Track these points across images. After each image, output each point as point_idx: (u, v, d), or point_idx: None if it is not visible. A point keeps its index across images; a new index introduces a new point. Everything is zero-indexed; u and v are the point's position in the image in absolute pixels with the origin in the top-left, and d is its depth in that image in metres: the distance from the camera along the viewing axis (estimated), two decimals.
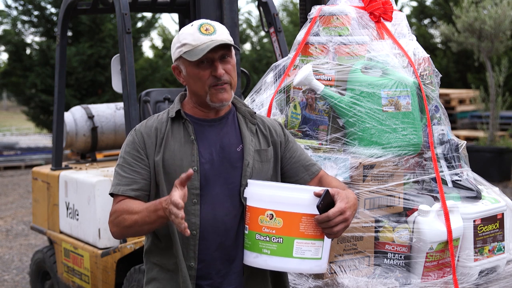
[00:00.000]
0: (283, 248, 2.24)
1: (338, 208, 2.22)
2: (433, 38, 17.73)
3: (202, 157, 2.37)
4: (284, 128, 2.60)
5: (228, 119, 2.46)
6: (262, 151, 2.46)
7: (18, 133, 20.46)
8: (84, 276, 4.48)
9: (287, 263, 2.26)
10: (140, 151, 2.39)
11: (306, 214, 2.24)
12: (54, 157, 4.98)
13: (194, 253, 2.35)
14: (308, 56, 3.10)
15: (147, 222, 2.24)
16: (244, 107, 2.51)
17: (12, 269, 6.81)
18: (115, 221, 2.33)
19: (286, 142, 2.55)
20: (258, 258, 2.28)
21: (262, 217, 2.26)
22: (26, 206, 9.99)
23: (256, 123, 2.50)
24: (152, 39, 20.54)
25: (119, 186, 2.37)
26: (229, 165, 2.40)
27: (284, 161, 2.53)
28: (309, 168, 2.54)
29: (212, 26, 2.36)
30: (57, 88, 4.86)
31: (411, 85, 2.98)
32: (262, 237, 2.26)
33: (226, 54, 2.37)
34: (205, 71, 2.34)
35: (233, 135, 2.44)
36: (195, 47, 2.32)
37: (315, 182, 2.52)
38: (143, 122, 2.47)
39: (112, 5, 4.14)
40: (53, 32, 14.87)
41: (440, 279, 2.86)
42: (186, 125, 2.41)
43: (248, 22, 19.34)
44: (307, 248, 2.25)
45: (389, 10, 3.15)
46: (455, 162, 3.04)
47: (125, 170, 2.38)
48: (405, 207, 2.92)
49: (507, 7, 10.83)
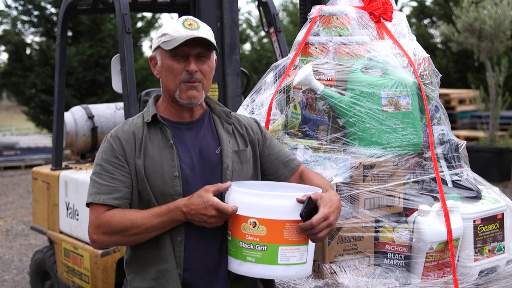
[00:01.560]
0: (268, 255, 2.20)
1: (322, 214, 2.19)
2: (433, 38, 17.74)
3: (182, 162, 2.33)
4: (260, 125, 2.57)
5: (204, 121, 2.43)
6: (241, 151, 2.43)
7: (18, 133, 20.46)
8: (84, 276, 4.48)
9: (272, 271, 2.22)
10: (120, 157, 2.31)
11: (289, 221, 2.21)
12: (54, 157, 4.98)
13: (180, 260, 2.31)
14: (308, 56, 3.10)
15: (159, 227, 2.25)
16: (218, 107, 2.48)
17: (12, 269, 6.81)
18: (110, 231, 2.26)
19: (263, 139, 2.52)
20: (243, 265, 2.25)
21: (245, 225, 2.22)
22: (26, 206, 9.99)
23: (232, 122, 2.47)
24: (152, 39, 20.55)
25: (99, 195, 2.28)
26: (209, 168, 2.36)
27: (263, 159, 2.51)
28: (288, 164, 2.52)
29: (196, 23, 2.33)
30: (57, 88, 4.86)
31: (411, 85, 2.98)
32: (246, 245, 2.23)
33: (204, 53, 2.33)
34: (179, 64, 2.31)
35: (210, 137, 2.41)
36: (174, 38, 2.29)
37: (295, 178, 2.50)
38: (119, 127, 2.39)
39: (112, 5, 4.14)
40: (53, 32, 14.88)
41: (440, 279, 2.86)
42: (163, 129, 2.36)
43: (248, 22, 19.36)
44: (292, 254, 2.22)
45: (389, 10, 3.14)
46: (455, 162, 3.04)
47: (104, 178, 2.30)
48: (405, 207, 2.92)
49: (507, 7, 10.83)
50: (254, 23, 19.11)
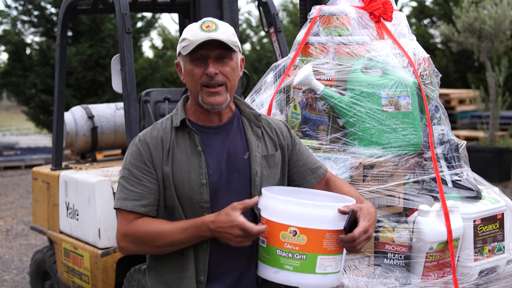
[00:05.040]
0: (306, 264, 2.20)
1: (362, 227, 2.19)
2: (433, 38, 17.74)
3: (210, 169, 2.28)
4: (290, 129, 2.53)
5: (233, 124, 2.37)
6: (270, 156, 2.38)
7: (18, 133, 20.46)
8: (84, 276, 4.48)
9: (309, 279, 2.22)
10: (148, 163, 2.28)
11: (330, 231, 2.20)
12: (54, 157, 4.98)
13: (204, 267, 2.28)
14: (308, 56, 3.10)
15: (185, 242, 2.23)
16: (248, 109, 2.42)
17: (12, 269, 6.81)
18: (138, 241, 2.25)
19: (293, 144, 2.48)
20: (279, 273, 2.23)
21: (285, 233, 2.20)
22: (26, 206, 9.99)
23: (262, 125, 2.41)
24: (152, 39, 20.59)
25: (127, 201, 2.26)
26: (237, 175, 2.32)
27: (291, 164, 2.46)
28: (315, 171, 2.48)
29: (214, 24, 2.27)
30: (57, 88, 4.86)
31: (411, 85, 2.98)
32: (284, 253, 2.20)
33: (224, 54, 2.27)
34: (199, 68, 2.26)
35: (239, 142, 2.35)
36: (192, 42, 2.24)
37: (321, 185, 2.48)
38: (147, 131, 2.35)
39: (112, 5, 4.14)
40: (53, 32, 14.88)
41: (440, 279, 2.86)
42: (192, 135, 2.31)
43: (248, 22, 19.35)
44: (329, 263, 2.22)
45: (389, 10, 3.15)
46: (455, 162, 3.04)
47: (132, 184, 2.27)
48: (405, 207, 2.92)
49: (507, 7, 10.83)
50: (254, 23, 19.10)
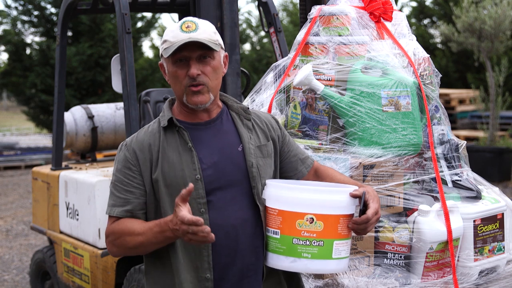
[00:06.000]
0: (324, 250, 2.24)
1: (374, 208, 2.26)
2: (433, 38, 17.74)
3: (203, 163, 2.28)
4: (278, 121, 2.55)
5: (222, 119, 2.38)
6: (263, 146, 2.39)
7: (18, 133, 20.46)
8: (84, 276, 4.48)
9: (326, 265, 2.27)
10: (133, 168, 2.29)
11: (343, 215, 2.26)
12: (54, 157, 4.98)
13: (209, 264, 2.26)
14: (308, 56, 3.10)
15: (154, 242, 2.20)
16: (235, 104, 2.43)
17: (12, 269, 6.81)
18: (116, 242, 2.27)
19: (283, 136, 2.50)
20: (297, 262, 2.25)
21: (301, 221, 2.23)
22: (26, 206, 10.00)
23: (251, 118, 2.43)
24: (152, 39, 20.60)
25: (115, 207, 2.29)
26: (232, 167, 2.31)
27: (283, 155, 2.48)
28: (305, 161, 2.52)
29: (194, 24, 2.25)
30: (57, 88, 4.86)
31: (411, 85, 2.98)
32: (301, 241, 2.23)
33: (206, 54, 2.26)
34: (182, 70, 2.26)
35: (231, 135, 2.36)
36: (172, 44, 2.23)
37: (311, 174, 2.51)
38: (133, 136, 2.36)
39: (112, 5, 4.14)
40: (53, 32, 14.89)
41: (440, 279, 2.86)
42: (181, 132, 2.31)
43: (248, 22, 19.35)
44: (343, 248, 2.28)
45: (389, 10, 3.15)
46: (455, 162, 3.04)
47: (118, 190, 2.30)
48: (405, 207, 2.92)
49: (507, 7, 10.83)
50: (254, 23, 19.10)
